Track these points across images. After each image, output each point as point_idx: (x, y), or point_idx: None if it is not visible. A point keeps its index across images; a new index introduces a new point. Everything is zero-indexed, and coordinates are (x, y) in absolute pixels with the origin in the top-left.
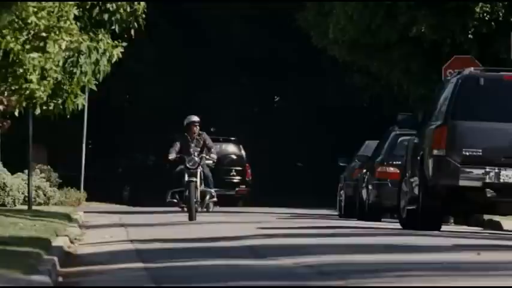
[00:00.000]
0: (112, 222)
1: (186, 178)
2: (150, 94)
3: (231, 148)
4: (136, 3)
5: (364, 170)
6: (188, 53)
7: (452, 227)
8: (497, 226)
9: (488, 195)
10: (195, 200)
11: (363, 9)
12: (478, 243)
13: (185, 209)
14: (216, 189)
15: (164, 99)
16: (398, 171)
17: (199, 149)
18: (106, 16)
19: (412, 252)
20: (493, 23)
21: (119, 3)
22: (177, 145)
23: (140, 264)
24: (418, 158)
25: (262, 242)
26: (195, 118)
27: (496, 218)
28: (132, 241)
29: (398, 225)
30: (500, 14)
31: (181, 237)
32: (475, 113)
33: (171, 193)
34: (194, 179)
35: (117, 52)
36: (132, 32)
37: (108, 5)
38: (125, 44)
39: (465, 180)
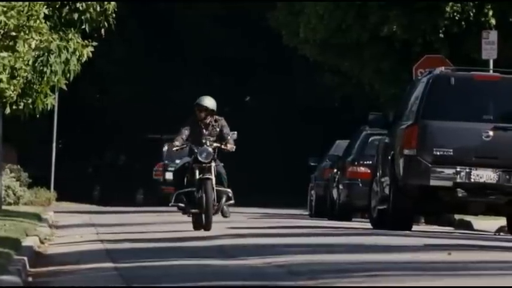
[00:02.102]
0: (82, 222)
1: (198, 175)
2: (120, 93)
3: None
4: (106, 2)
5: (335, 170)
6: (159, 53)
7: (423, 227)
8: (468, 226)
9: (459, 195)
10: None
11: (333, 9)
12: (448, 243)
13: (190, 215)
14: (188, 189)
15: (135, 98)
16: (369, 171)
17: (213, 138)
18: (76, 15)
19: (383, 252)
20: (463, 23)
21: (89, 2)
22: (186, 132)
23: (110, 264)
24: (389, 157)
25: (233, 242)
26: (205, 101)
27: (467, 217)
28: (102, 241)
29: (369, 225)
30: (471, 14)
31: (152, 237)
32: (445, 112)
33: (176, 195)
34: (210, 176)
35: (87, 51)
36: (103, 31)
37: (78, 5)
38: (95, 43)
39: (436, 180)
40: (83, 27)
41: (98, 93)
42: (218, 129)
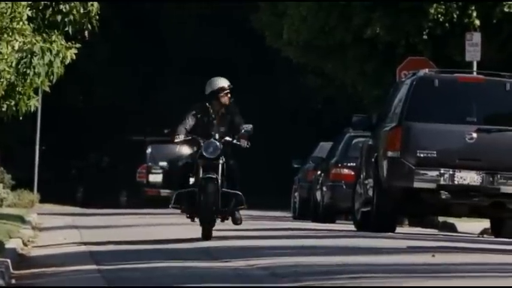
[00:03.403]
0: (65, 224)
1: (201, 173)
2: (104, 95)
3: (185, 150)
4: (89, 4)
5: (319, 172)
6: (142, 53)
7: (406, 229)
8: (452, 228)
9: (443, 197)
10: (214, 208)
11: (317, 11)
12: (432, 245)
13: (195, 220)
14: (168, 190)
15: (118, 99)
16: (352, 173)
17: (224, 129)
18: (59, 17)
19: (366, 254)
20: (447, 25)
21: (72, 4)
22: (189, 121)
23: (93, 266)
24: (373, 159)
25: (217, 244)
26: (225, 82)
27: (451, 219)
28: (85, 243)
29: (352, 227)
30: (455, 16)
31: (135, 239)
32: (429, 114)
33: (176, 195)
34: (213, 175)
35: (71, 53)
36: (86, 33)
37: (62, 6)
38: (78, 45)
39: (420, 182)
40: (66, 29)
41: (81, 95)
42: (229, 118)
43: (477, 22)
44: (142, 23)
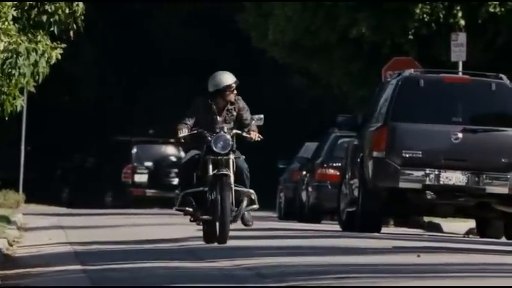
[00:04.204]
0: (51, 224)
1: (211, 170)
2: (89, 95)
3: (170, 150)
4: (75, 4)
5: (304, 172)
6: (128, 54)
7: (392, 229)
8: (437, 228)
9: (428, 197)
10: (231, 207)
11: (302, 11)
12: (418, 245)
13: (201, 223)
14: (154, 190)
15: (104, 100)
16: (338, 173)
17: (230, 126)
18: (45, 17)
19: (352, 255)
20: (433, 24)
21: (58, 4)
22: (190, 119)
23: (79, 267)
24: (358, 159)
25: (201, 244)
26: (230, 78)
27: (436, 220)
28: (71, 243)
29: (338, 227)
30: (441, 16)
31: (120, 240)
32: (415, 114)
33: (182, 196)
34: (227, 172)
35: (56, 54)
36: (71, 33)
37: (47, 7)
38: (64, 45)
39: (405, 182)
40: (52, 29)
41: (67, 95)
42: (235, 113)
43: (462, 22)
44: (128, 23)
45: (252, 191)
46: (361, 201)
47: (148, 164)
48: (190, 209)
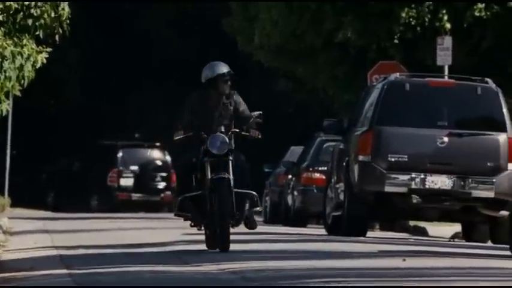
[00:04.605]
0: (36, 228)
1: (210, 173)
2: (75, 99)
3: (156, 154)
4: (60, 8)
5: (290, 176)
6: (114, 57)
7: (378, 233)
8: (423, 232)
9: (414, 201)
10: (231, 212)
11: (288, 15)
12: (403, 249)
13: (202, 228)
14: (139, 194)
15: (89, 104)
16: (324, 177)
17: (227, 122)
18: (30, 21)
19: (337, 259)
20: (418, 28)
21: (43, 8)
22: (187, 116)
23: (64, 271)
24: (344, 163)
25: (187, 248)
26: (224, 68)
27: (422, 224)
28: (56, 247)
29: (323, 231)
30: (426, 19)
31: (106, 244)
32: (400, 118)
33: (181, 201)
34: (225, 175)
35: (42, 57)
36: (57, 37)
37: (33, 11)
38: (49, 49)
39: (391, 186)
40: (37, 33)
41: (52, 99)
42: (231, 108)
43: (448, 26)
44: (114, 26)
45: (253, 192)
46: (346, 205)
47: (134, 168)
48: (189, 214)
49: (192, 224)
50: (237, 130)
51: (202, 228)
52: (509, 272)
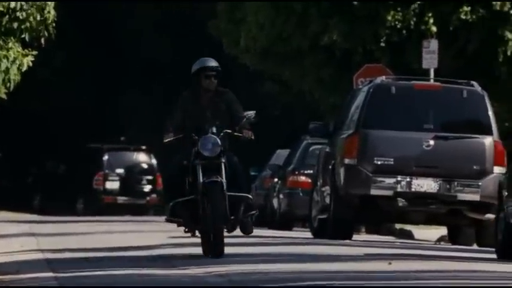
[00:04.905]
0: (22, 231)
1: (201, 177)
2: (60, 102)
3: (142, 157)
4: (46, 12)
5: (276, 179)
6: (99, 61)
7: (363, 236)
8: (409, 235)
9: (400, 204)
10: (224, 217)
11: (274, 18)
12: (389, 252)
13: (197, 234)
14: (125, 197)
15: (75, 107)
16: (309, 180)
17: (219, 121)
18: (16, 24)
19: (323, 262)
20: (404, 31)
21: (29, 11)
22: (179, 116)
23: (50, 274)
24: (330, 167)
25: (173, 252)
26: (211, 62)
27: (408, 227)
28: (42, 250)
29: (309, 235)
30: (412, 22)
31: (92, 247)
32: (386, 121)
33: (172, 206)
34: (217, 179)
35: (28, 61)
36: (42, 40)
37: (18, 14)
38: (35, 52)
39: (376, 189)
40: (23, 36)
41: (38, 102)
42: (223, 107)
43: (434, 29)
44: (100, 29)
45: (248, 195)
46: (332, 208)
47: (120, 171)
48: (182, 220)
49: (186, 230)
50: (230, 131)
51: (197, 233)
52: (494, 274)
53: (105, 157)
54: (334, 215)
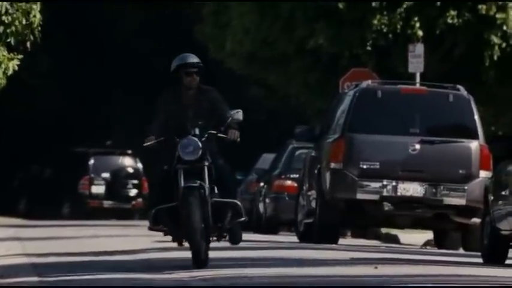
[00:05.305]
0: (8, 235)
1: (183, 182)
2: (46, 106)
3: (127, 161)
4: (32, 16)
5: (262, 183)
6: (86, 64)
7: (349, 241)
8: (395, 240)
9: (386, 208)
10: (202, 225)
11: (260, 22)
12: (375, 256)
13: (184, 244)
14: (111, 202)
15: (61, 111)
16: (295, 185)
17: (203, 121)
18: (1, 28)
19: (309, 266)
20: (390, 35)
21: (14, 15)
22: (161, 116)
23: (35, 278)
24: (316, 171)
25: (159, 256)
26: (192, 58)
27: (394, 231)
28: (27, 255)
29: (295, 239)
30: (398, 26)
31: (78, 251)
32: (372, 125)
33: (155, 213)
34: (196, 183)
35: (13, 65)
36: (28, 44)
37: (4, 18)
38: (20, 56)
39: (362, 193)
40: (9, 40)
41: (24, 106)
42: (207, 106)
43: (420, 33)
44: (86, 34)
45: (236, 201)
46: (318, 213)
47: (106, 175)
48: (165, 228)
49: (173, 239)
50: (214, 132)
51: (185, 243)
52: (480, 279)
53: (91, 161)
54: (320, 219)
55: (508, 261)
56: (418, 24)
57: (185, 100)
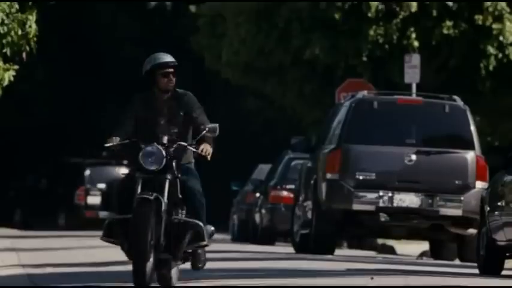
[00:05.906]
0: (3, 246)
1: (139, 192)
2: (41, 116)
3: (123, 171)
4: (27, 26)
5: (258, 194)
6: (81, 74)
7: (346, 251)
8: (391, 250)
9: (382, 219)
10: (152, 242)
11: (256, 32)
12: (371, 267)
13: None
14: (107, 212)
15: (56, 121)
16: (291, 195)
17: (177, 129)
18: None
19: (305, 277)
20: (386, 46)
21: (10, 26)
22: (129, 120)
23: None
24: (312, 181)
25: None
26: (168, 57)
27: (390, 242)
28: (23, 266)
29: (291, 250)
30: (394, 37)
31: (73, 262)
32: (368, 136)
33: (107, 224)
34: (151, 196)
35: (9, 75)
36: (24, 55)
37: None
38: (16, 67)
39: (359, 204)
40: (4, 50)
41: (19, 116)
42: (182, 113)
43: (416, 44)
44: (81, 44)
45: (199, 223)
46: (314, 223)
47: (101, 186)
48: (117, 240)
49: (128, 254)
50: (185, 144)
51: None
52: None
53: (87, 172)
54: (316, 230)
55: (504, 272)
56: (414, 35)
57: (157, 105)
